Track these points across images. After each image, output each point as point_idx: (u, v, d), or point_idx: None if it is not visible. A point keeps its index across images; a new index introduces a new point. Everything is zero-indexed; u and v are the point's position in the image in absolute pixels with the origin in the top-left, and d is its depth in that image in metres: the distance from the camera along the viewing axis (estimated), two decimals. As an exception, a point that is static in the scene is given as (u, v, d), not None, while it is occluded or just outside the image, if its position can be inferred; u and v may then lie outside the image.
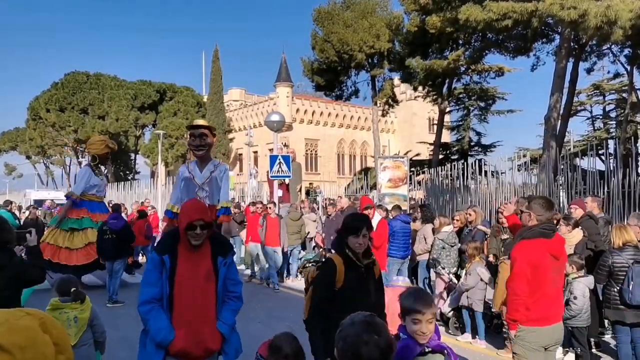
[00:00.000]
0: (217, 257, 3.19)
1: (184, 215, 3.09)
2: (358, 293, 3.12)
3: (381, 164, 14.19)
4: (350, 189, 24.65)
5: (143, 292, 3.08)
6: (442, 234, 7.69)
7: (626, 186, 11.03)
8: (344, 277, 3.11)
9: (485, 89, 31.65)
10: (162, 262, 3.07)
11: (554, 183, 13.09)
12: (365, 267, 3.18)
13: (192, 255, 3.10)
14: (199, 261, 3.12)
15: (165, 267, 3.06)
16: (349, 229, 3.15)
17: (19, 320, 1.06)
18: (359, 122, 57.02)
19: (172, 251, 3.10)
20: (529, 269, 3.55)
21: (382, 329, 1.74)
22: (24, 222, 13.05)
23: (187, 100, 45.60)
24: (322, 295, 3.14)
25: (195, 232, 3.03)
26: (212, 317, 3.16)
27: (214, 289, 3.16)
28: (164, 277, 3.06)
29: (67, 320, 3.91)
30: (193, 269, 3.09)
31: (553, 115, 17.02)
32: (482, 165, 15.68)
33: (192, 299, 3.06)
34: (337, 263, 3.14)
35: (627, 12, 12.08)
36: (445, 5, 18.46)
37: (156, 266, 3.09)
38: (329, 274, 3.13)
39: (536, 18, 14.18)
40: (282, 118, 14.54)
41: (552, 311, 3.65)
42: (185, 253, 3.10)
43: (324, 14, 27.78)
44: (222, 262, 3.20)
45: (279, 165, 12.62)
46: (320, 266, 3.50)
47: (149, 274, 3.13)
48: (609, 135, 31.28)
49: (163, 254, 3.09)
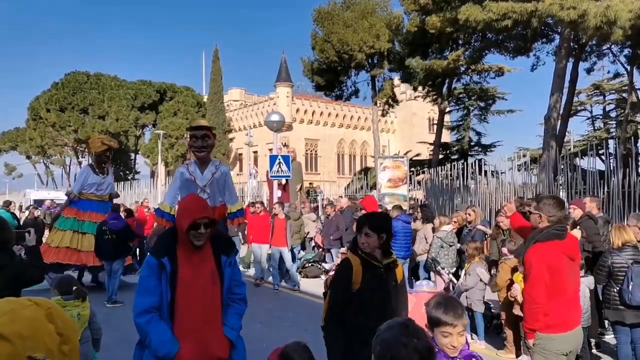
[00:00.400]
0: (220, 256, 2.91)
1: (186, 213, 2.77)
2: (377, 295, 2.97)
3: (381, 164, 14.20)
4: (350, 189, 24.65)
5: (139, 301, 2.74)
6: (440, 233, 7.69)
7: (626, 186, 11.03)
8: (361, 278, 2.97)
9: (485, 89, 31.66)
10: (160, 266, 2.76)
11: (553, 183, 13.10)
12: (385, 267, 3.04)
13: (194, 257, 2.82)
14: (201, 263, 2.84)
15: (165, 271, 2.75)
16: (357, 226, 3.10)
17: (24, 309, 1.08)
18: (359, 122, 57.03)
19: (171, 253, 2.79)
20: (546, 273, 3.35)
21: (421, 333, 1.71)
22: (23, 222, 13.05)
23: (187, 100, 45.61)
24: (339, 298, 3.02)
25: (199, 231, 2.75)
26: (218, 324, 2.89)
27: (219, 292, 2.88)
28: (163, 282, 2.75)
29: (71, 318, 3.93)
30: (196, 271, 2.81)
31: (553, 115, 17.02)
32: (482, 165, 15.70)
33: (197, 304, 2.79)
34: (353, 263, 3.02)
35: (626, 12, 12.08)
36: (445, 5, 18.46)
37: (154, 271, 2.77)
38: (345, 274, 3.01)
39: (536, 18, 14.18)
40: (282, 118, 14.53)
41: (571, 316, 3.48)
42: (186, 255, 2.81)
43: (324, 14, 27.79)
44: (226, 262, 2.93)
45: (279, 165, 12.61)
46: (336, 267, 3.34)
47: (145, 280, 2.79)
48: (609, 135, 31.28)
49: (161, 256, 2.77)
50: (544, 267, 3.36)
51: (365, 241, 3.02)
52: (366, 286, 2.95)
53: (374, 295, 2.95)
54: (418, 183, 17.96)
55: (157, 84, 46.13)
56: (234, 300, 3.01)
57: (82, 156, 49.87)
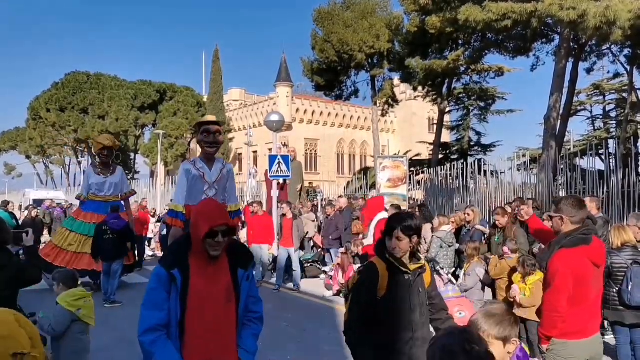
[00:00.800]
0: (237, 269, 2.59)
1: (203, 218, 2.46)
2: (404, 303, 2.79)
3: (380, 163, 14.20)
4: (350, 189, 24.65)
5: (145, 316, 2.44)
6: (440, 233, 7.69)
7: (625, 186, 11.02)
8: (387, 284, 2.77)
9: (485, 89, 31.66)
10: (171, 279, 2.44)
11: (553, 183, 13.09)
12: (413, 273, 2.84)
13: (208, 269, 2.50)
14: (216, 276, 2.52)
15: (175, 284, 2.44)
16: (386, 229, 2.85)
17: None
18: (358, 122, 57.05)
19: (182, 264, 2.47)
20: (571, 282, 3.20)
21: (482, 341, 1.66)
22: (22, 222, 13.05)
23: (187, 100, 45.62)
24: (363, 300, 2.82)
25: (216, 240, 2.44)
26: (233, 345, 2.59)
27: (234, 310, 2.56)
28: (173, 297, 2.44)
29: (92, 307, 4.23)
30: (210, 285, 2.49)
31: (553, 115, 17.01)
32: (482, 165, 15.69)
33: (210, 323, 2.48)
34: (379, 267, 2.81)
35: (626, 12, 12.07)
36: (445, 5, 18.44)
37: (163, 283, 2.45)
38: (370, 280, 2.80)
39: (535, 18, 14.16)
40: (281, 118, 14.49)
41: (590, 323, 3.34)
42: (199, 266, 2.49)
43: (324, 14, 27.78)
44: (244, 275, 2.60)
45: (279, 165, 12.59)
46: (360, 271, 3.09)
47: (153, 293, 2.46)
48: (608, 135, 31.30)
49: (172, 268, 2.45)
50: (569, 275, 3.21)
51: (397, 245, 2.80)
52: (392, 293, 2.78)
53: (401, 303, 2.78)
54: (418, 183, 17.95)
55: (157, 84, 46.14)
56: (250, 319, 2.69)
57: (81, 156, 49.92)
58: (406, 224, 2.82)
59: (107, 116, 42.92)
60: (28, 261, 3.71)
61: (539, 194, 12.82)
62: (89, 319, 4.18)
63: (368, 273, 2.86)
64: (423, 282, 2.91)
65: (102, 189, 9.87)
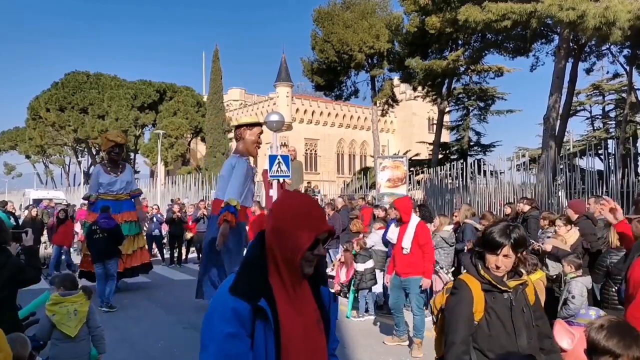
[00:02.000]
0: (320, 287, 1.86)
1: (305, 223, 1.70)
2: (504, 329, 2.38)
3: (380, 163, 14.22)
4: (350, 189, 24.67)
5: None
6: (444, 233, 7.70)
7: (625, 186, 11.04)
8: (483, 307, 2.39)
9: (484, 89, 31.69)
10: (255, 315, 1.65)
11: (553, 183, 13.10)
12: (513, 291, 2.42)
13: (292, 293, 1.75)
14: (301, 302, 1.78)
15: (264, 321, 1.65)
16: (487, 243, 2.41)
17: None
18: (358, 121, 57.09)
19: (266, 290, 1.69)
20: None
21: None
22: (22, 221, 13.04)
23: (187, 100, 45.59)
24: (461, 325, 2.39)
25: (315, 252, 1.72)
26: None
27: (325, 343, 1.85)
28: (259, 339, 1.65)
29: (68, 313, 4.04)
30: (299, 316, 1.74)
31: (552, 115, 17.04)
32: (482, 165, 15.71)
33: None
34: (472, 288, 2.41)
35: (625, 12, 12.09)
36: (445, 5, 18.47)
37: (244, 324, 1.64)
38: (465, 300, 2.41)
39: (535, 19, 14.18)
40: (281, 118, 14.39)
41: None
42: (283, 291, 1.72)
43: (324, 15, 27.80)
44: (328, 296, 1.89)
45: (278, 165, 12.58)
46: (451, 290, 2.59)
47: (228, 343, 1.62)
48: (608, 135, 31.35)
49: (256, 299, 1.65)
50: None
51: (503, 264, 2.38)
52: (491, 316, 2.39)
53: (501, 327, 2.38)
54: (417, 183, 17.97)
55: (157, 83, 46.12)
56: (332, 353, 1.96)
57: (81, 156, 49.93)
58: (517, 237, 2.37)
59: (107, 116, 42.94)
60: (27, 261, 3.71)
61: (538, 194, 12.84)
62: (63, 325, 3.95)
63: (461, 294, 2.44)
64: (527, 300, 2.47)
65: (112, 188, 9.65)
